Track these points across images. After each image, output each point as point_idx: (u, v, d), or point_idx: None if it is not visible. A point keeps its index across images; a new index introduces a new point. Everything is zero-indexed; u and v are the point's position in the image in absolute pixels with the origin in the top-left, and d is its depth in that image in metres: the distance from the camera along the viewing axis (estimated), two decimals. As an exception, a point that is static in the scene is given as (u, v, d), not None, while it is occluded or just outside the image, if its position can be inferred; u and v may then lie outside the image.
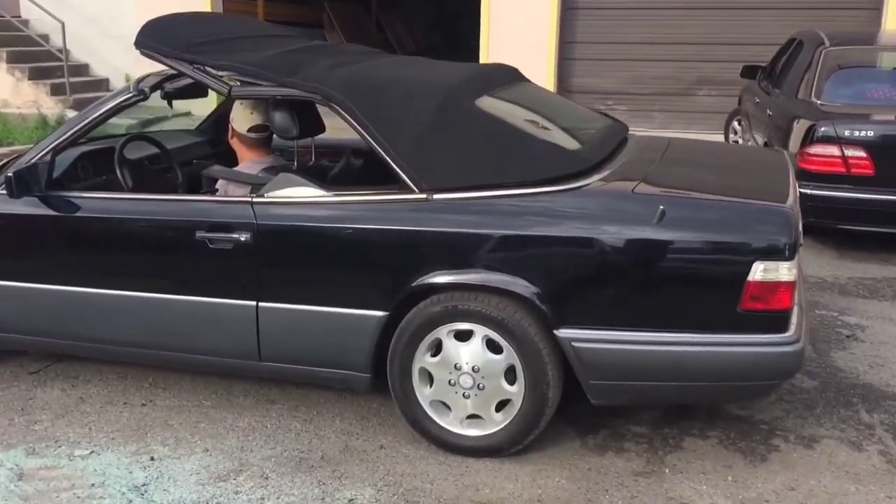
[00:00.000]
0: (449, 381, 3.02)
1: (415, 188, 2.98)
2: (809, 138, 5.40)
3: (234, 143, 3.62)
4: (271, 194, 3.15)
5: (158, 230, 3.27)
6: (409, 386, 3.08)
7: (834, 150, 5.31)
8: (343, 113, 3.11)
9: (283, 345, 3.20)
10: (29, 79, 10.96)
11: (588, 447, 3.13)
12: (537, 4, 10.48)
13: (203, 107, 6.34)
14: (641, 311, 2.81)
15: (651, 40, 10.43)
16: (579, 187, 2.91)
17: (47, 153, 3.39)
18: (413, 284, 2.96)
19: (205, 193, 3.52)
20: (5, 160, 3.81)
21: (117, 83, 12.03)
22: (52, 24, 11.32)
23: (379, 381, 3.15)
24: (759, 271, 2.70)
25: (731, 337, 2.76)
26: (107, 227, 3.33)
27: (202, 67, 3.28)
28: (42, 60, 11.37)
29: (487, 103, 3.20)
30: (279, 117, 3.34)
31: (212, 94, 3.65)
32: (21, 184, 3.26)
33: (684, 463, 3.02)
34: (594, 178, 2.98)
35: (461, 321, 2.97)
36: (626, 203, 2.86)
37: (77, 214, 3.33)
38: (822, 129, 5.35)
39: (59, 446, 3.18)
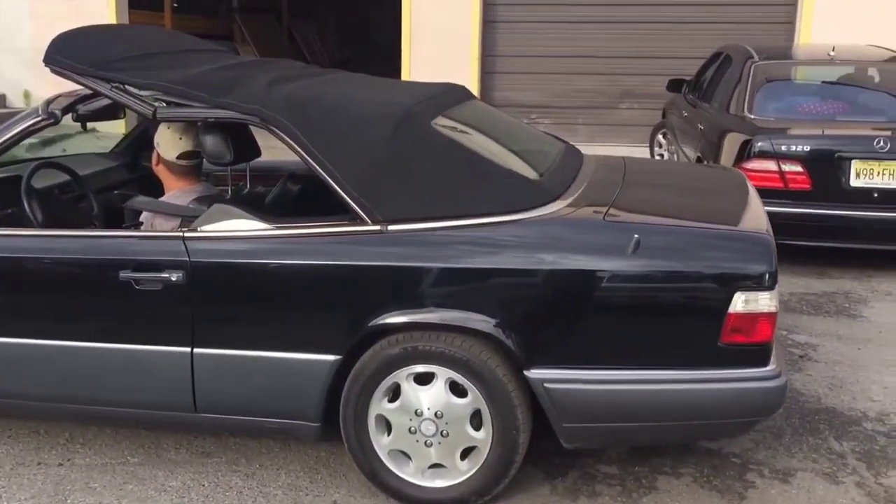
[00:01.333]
0: (409, 429, 2.77)
1: (368, 219, 2.72)
2: (747, 153, 5.35)
3: (160, 170, 3.29)
4: (205, 228, 2.84)
5: (76, 270, 2.91)
6: (365, 435, 2.81)
7: (771, 165, 5.28)
8: (285, 137, 2.82)
9: (221, 394, 2.89)
10: (-83, 96, 10.22)
11: (558, 492, 2.92)
12: (458, 17, 10.33)
13: (114, 125, 5.94)
14: (618, 347, 2.62)
15: (572, 53, 10.40)
16: (545, 216, 2.71)
17: (-56, 185, 3.01)
18: (369, 325, 2.70)
19: (128, 228, 3.17)
20: None
21: (15, 100, 11.37)
22: (-59, 37, 10.61)
23: (328, 429, 2.87)
24: (740, 302, 2.54)
25: (712, 373, 2.60)
26: (15, 268, 2.95)
27: (122, 87, 2.95)
28: (-70, 76, 10.63)
29: (443, 126, 2.97)
30: (211, 141, 3.04)
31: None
32: None
33: (661, 506, 2.85)
34: (559, 205, 2.78)
35: (422, 363, 2.72)
36: (597, 232, 2.68)
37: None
38: (760, 144, 5.31)
39: (-35, 520, 2.80)
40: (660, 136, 8.91)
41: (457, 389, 2.72)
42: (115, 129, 7.76)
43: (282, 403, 2.86)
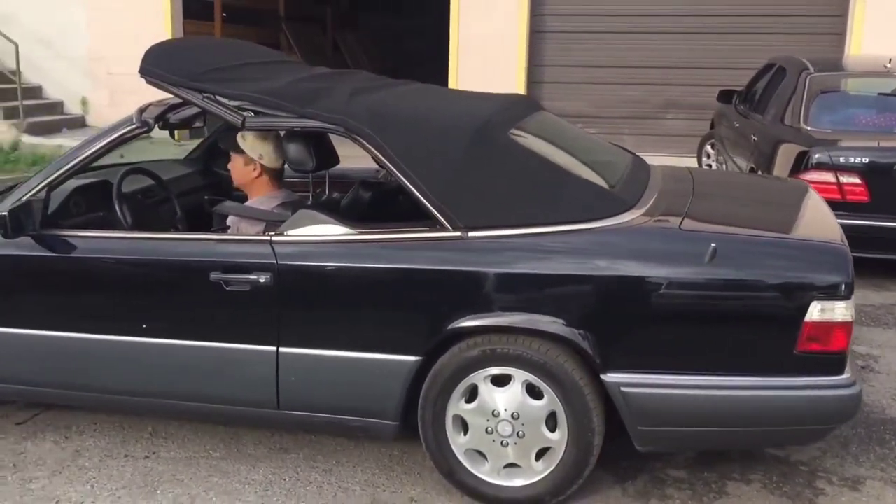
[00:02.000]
0: (486, 429, 2.85)
1: (449, 226, 2.82)
2: (804, 165, 5.37)
3: (237, 166, 3.40)
4: (291, 232, 2.96)
5: (168, 271, 3.04)
6: (443, 435, 2.91)
7: (829, 177, 5.29)
8: (369, 146, 2.93)
9: (304, 392, 3.00)
10: (-20, 103, 10.53)
11: (629, 495, 2.99)
12: (506, 27, 10.44)
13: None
14: (694, 354, 2.69)
15: (619, 64, 10.46)
16: (622, 225, 2.79)
17: (42, 189, 3.15)
18: (448, 327, 2.79)
19: (216, 231, 3.30)
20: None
21: (72, 106, 11.67)
22: (1, 45, 10.91)
23: (405, 428, 2.97)
24: (816, 311, 2.60)
25: (787, 380, 2.65)
26: (110, 269, 3.10)
27: (212, 97, 3.08)
28: (-8, 83, 10.93)
29: (518, 136, 3.06)
30: (294, 150, 3.16)
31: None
32: (16, 223, 3.01)
33: (733, 510, 2.91)
34: (634, 214, 2.85)
35: (499, 365, 2.81)
36: (674, 241, 2.75)
37: (76, 255, 3.09)
38: (817, 155, 5.33)
39: (62, 508, 2.93)
40: (708, 147, 8.93)
41: (533, 391, 2.81)
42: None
43: (362, 402, 2.96)
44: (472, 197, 2.85)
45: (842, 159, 5.30)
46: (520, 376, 2.80)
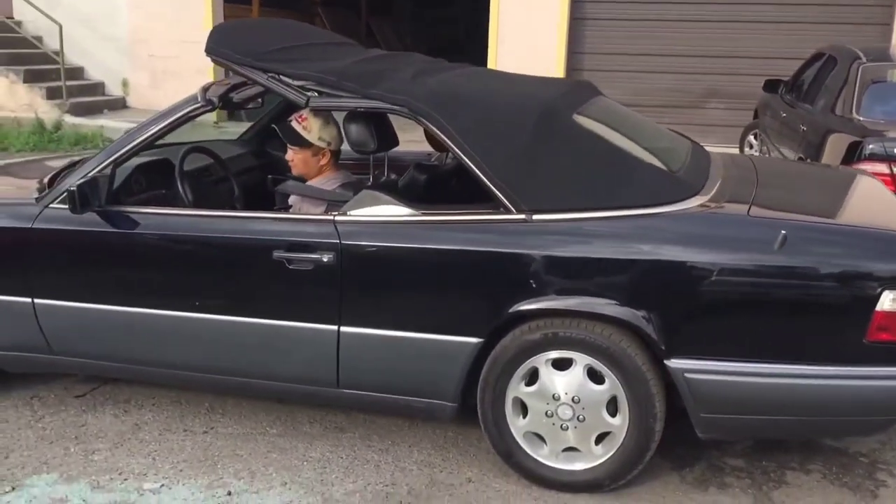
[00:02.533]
0: (546, 413, 2.86)
1: (513, 208, 2.82)
2: (857, 155, 5.29)
3: (304, 158, 3.42)
4: (355, 212, 2.98)
5: (230, 249, 3.07)
6: (502, 417, 2.92)
7: (883, 168, 5.20)
8: (433, 127, 2.94)
9: (365, 372, 3.02)
10: (24, 82, 10.67)
11: (688, 482, 2.99)
12: (546, 14, 10.39)
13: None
14: (760, 341, 2.67)
15: (658, 52, 10.38)
16: (688, 210, 2.77)
17: (107, 165, 3.19)
18: (510, 310, 2.79)
19: (278, 210, 3.32)
20: (54, 172, 3.59)
21: (113, 88, 11.78)
22: (45, 25, 11.04)
23: (463, 409, 2.99)
24: (888, 301, 2.57)
25: (856, 370, 2.63)
26: (173, 245, 3.13)
27: (277, 77, 3.09)
28: (36, 63, 11.06)
29: (582, 120, 3.05)
30: (356, 131, 3.16)
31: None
32: (83, 198, 3.05)
33: (793, 500, 2.88)
34: (700, 200, 2.83)
35: (561, 349, 2.81)
36: (743, 227, 2.73)
37: (140, 231, 3.13)
38: (871, 146, 5.24)
39: (125, 479, 2.97)
40: (751, 137, 8.83)
41: (594, 376, 2.81)
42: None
43: (422, 383, 2.98)
44: (537, 180, 2.85)
45: (896, 150, 5.22)
46: (581, 360, 2.80)
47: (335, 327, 2.96)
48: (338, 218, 2.96)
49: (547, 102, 3.00)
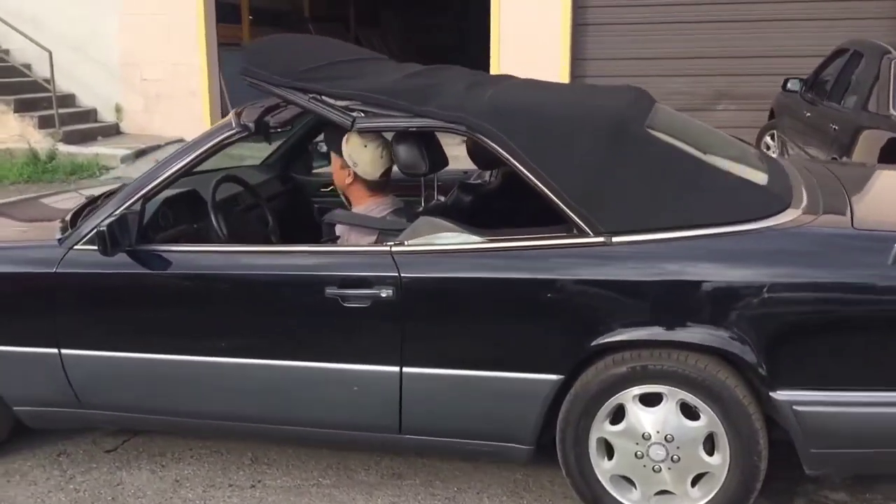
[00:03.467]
0: (635, 453, 2.60)
1: (590, 231, 2.57)
2: (899, 152, 5.08)
3: (335, 167, 3.13)
4: (413, 241, 2.72)
5: (279, 287, 2.81)
6: (586, 460, 2.66)
7: (927, 165, 5.00)
8: (494, 145, 2.69)
9: (430, 416, 2.77)
10: (15, 111, 10.34)
11: (790, 521, 2.74)
12: (548, 21, 10.18)
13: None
14: (876, 367, 2.42)
15: (663, 55, 10.18)
16: (786, 225, 2.52)
17: (136, 201, 2.92)
18: (594, 342, 2.54)
19: (325, 243, 3.05)
20: (76, 208, 3.31)
21: (105, 114, 11.47)
22: (33, 53, 10.73)
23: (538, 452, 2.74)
24: None
25: (984, 394, 2.39)
26: (215, 286, 2.87)
27: (319, 97, 2.84)
28: (26, 92, 10.75)
29: (654, 130, 2.80)
30: (406, 152, 2.90)
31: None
32: (113, 238, 2.78)
33: (910, 536, 2.64)
34: (794, 214, 2.59)
35: (649, 383, 2.56)
36: (850, 242, 2.49)
37: (177, 271, 2.87)
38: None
39: (173, 546, 2.70)
40: (767, 139, 8.63)
41: (687, 411, 2.56)
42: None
43: (494, 425, 2.73)
44: (614, 198, 2.60)
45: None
46: (673, 395, 2.55)
47: (396, 368, 2.70)
48: (395, 248, 2.71)
49: (617, 113, 2.76)
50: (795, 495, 2.86)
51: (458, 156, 3.48)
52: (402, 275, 2.65)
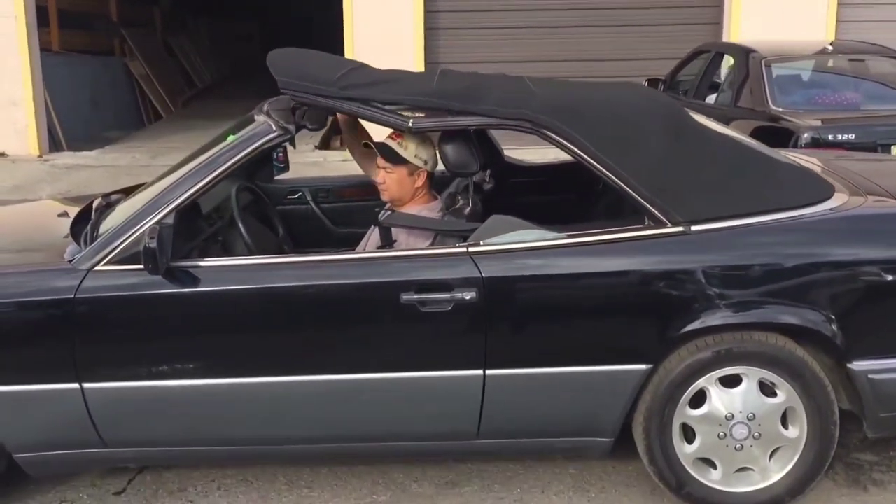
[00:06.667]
0: (718, 435, 2.68)
1: (667, 221, 2.62)
2: (793, 145, 5.54)
3: (399, 178, 2.97)
4: (490, 241, 2.65)
5: (347, 297, 2.64)
6: (670, 446, 2.71)
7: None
8: (563, 141, 2.68)
9: (512, 417, 2.71)
10: None
11: (840, 484, 2.93)
12: (400, 25, 10.21)
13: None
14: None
15: (516, 59, 10.47)
16: (844, 207, 2.71)
17: (168, 214, 2.63)
18: (683, 330, 2.60)
19: (386, 248, 2.89)
20: (72, 222, 2.93)
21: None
22: None
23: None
24: None
25: None
26: (273, 301, 2.64)
27: (368, 103, 2.73)
28: None
29: (700, 121, 2.91)
30: (456, 152, 2.82)
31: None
32: (151, 256, 2.49)
33: (951, 485, 2.90)
34: (845, 196, 2.78)
35: (731, 365, 2.65)
36: (906, 220, 2.71)
37: (226, 288, 2.62)
38: (806, 134, 5.52)
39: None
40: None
41: (765, 388, 2.68)
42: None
43: (577, 420, 2.72)
44: (686, 187, 2.68)
45: (830, 137, 5.51)
46: (753, 374, 2.66)
47: (479, 371, 2.62)
48: (472, 249, 2.62)
49: (674, 106, 2.84)
50: (834, 460, 3.04)
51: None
52: (485, 275, 2.58)
